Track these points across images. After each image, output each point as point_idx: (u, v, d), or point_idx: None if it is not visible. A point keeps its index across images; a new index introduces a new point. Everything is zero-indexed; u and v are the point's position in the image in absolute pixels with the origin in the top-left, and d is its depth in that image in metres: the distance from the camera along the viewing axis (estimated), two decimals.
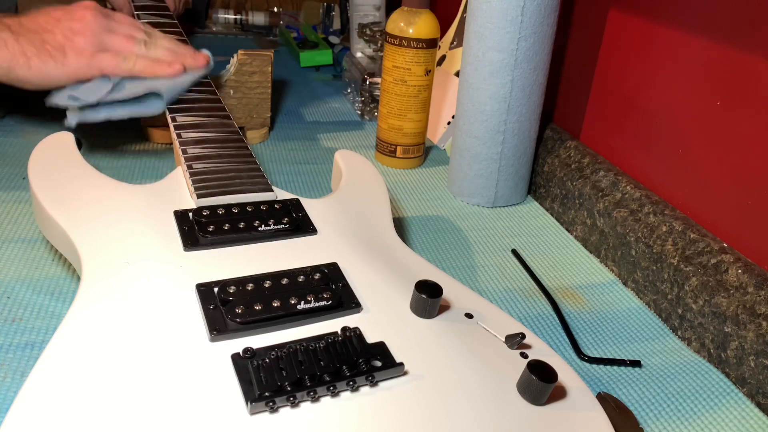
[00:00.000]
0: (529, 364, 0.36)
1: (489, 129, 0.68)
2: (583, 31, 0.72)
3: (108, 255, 0.41)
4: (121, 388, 0.32)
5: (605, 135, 0.70)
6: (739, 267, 0.50)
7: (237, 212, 0.47)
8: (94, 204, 0.46)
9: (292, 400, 0.33)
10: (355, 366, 0.35)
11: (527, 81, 0.66)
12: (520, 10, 0.62)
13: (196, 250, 0.44)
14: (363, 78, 0.94)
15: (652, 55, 0.62)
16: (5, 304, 0.48)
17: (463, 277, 0.59)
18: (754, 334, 0.47)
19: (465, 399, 0.35)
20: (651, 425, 0.44)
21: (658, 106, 0.61)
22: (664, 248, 0.56)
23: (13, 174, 0.67)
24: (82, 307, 0.37)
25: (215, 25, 1.34)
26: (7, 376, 0.42)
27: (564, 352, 0.50)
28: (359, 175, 0.57)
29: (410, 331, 0.39)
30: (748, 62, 0.51)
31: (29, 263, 0.53)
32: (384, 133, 0.79)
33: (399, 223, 0.67)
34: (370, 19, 1.11)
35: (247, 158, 0.54)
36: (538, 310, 0.55)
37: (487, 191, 0.72)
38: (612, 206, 0.63)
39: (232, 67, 0.77)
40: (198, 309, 0.38)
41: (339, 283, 0.42)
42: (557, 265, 0.62)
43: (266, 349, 0.36)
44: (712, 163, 0.55)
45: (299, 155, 0.80)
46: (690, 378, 0.49)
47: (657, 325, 0.55)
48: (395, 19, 0.74)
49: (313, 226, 0.48)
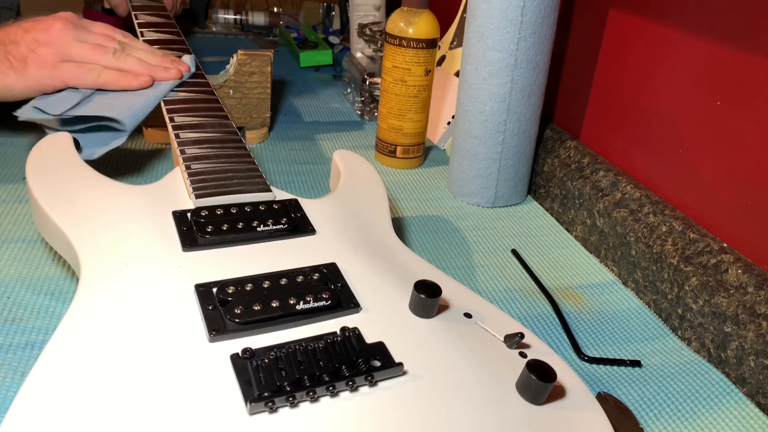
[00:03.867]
0: (528, 363, 0.36)
1: (489, 129, 0.68)
2: (583, 31, 0.72)
3: (106, 256, 0.41)
4: (121, 389, 0.32)
5: (605, 135, 0.70)
6: (739, 267, 0.50)
7: (235, 212, 0.47)
8: (93, 205, 0.46)
9: (292, 401, 0.33)
10: (355, 366, 0.35)
11: (527, 81, 0.66)
12: (520, 10, 0.62)
13: (195, 251, 0.44)
14: (363, 78, 0.94)
15: (652, 55, 0.62)
16: (5, 304, 0.48)
17: (463, 277, 0.59)
18: (754, 334, 0.47)
19: (464, 399, 0.35)
20: (651, 425, 0.44)
21: (658, 106, 0.61)
22: (664, 248, 0.56)
23: (13, 174, 0.67)
24: (80, 308, 0.37)
25: (215, 25, 1.34)
26: (7, 376, 0.42)
27: (564, 352, 0.50)
28: (358, 175, 0.57)
29: (409, 331, 0.39)
30: (748, 62, 0.51)
31: (29, 263, 0.53)
32: (384, 133, 0.79)
33: (399, 223, 0.67)
34: (370, 19, 1.11)
35: (246, 158, 0.54)
36: (538, 310, 0.55)
37: (487, 191, 0.72)
38: (612, 206, 0.63)
39: (231, 67, 0.77)
40: (197, 309, 0.38)
41: (338, 283, 0.42)
42: (557, 265, 0.62)
43: (265, 349, 0.36)
44: (712, 163, 0.55)
45: (299, 155, 0.80)
46: (690, 378, 0.49)
47: (657, 325, 0.55)
48: (395, 19, 0.74)
49: (311, 227, 0.48)
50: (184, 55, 0.68)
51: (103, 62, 0.62)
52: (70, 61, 0.61)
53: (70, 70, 0.60)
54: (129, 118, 0.60)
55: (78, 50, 0.61)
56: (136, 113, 0.61)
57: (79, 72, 0.61)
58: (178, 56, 0.68)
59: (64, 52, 0.61)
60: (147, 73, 0.63)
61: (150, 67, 0.64)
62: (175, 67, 0.65)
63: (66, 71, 0.60)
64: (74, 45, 0.61)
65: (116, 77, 0.62)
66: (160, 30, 0.75)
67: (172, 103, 0.62)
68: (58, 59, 0.60)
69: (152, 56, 0.65)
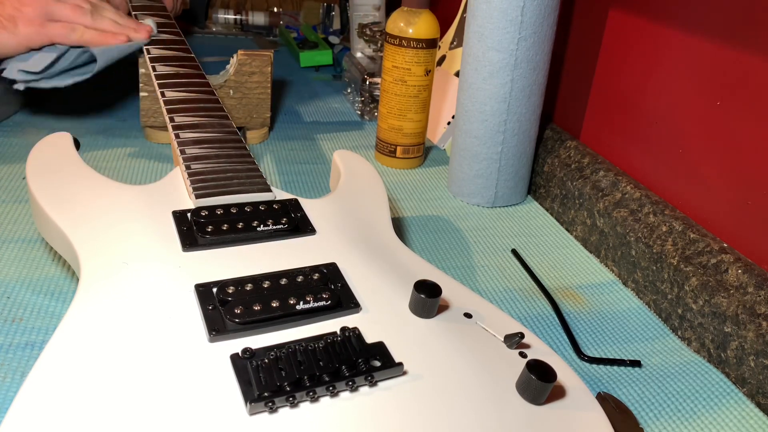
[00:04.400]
0: (528, 363, 0.36)
1: (489, 129, 0.68)
2: (583, 31, 0.72)
3: (106, 256, 0.41)
4: (121, 389, 0.32)
5: (605, 135, 0.70)
6: (739, 267, 0.50)
7: (235, 212, 0.47)
8: (92, 204, 0.46)
9: (292, 401, 0.33)
10: (355, 366, 0.35)
11: (527, 81, 0.66)
12: (519, 10, 0.62)
13: (195, 251, 0.44)
14: (363, 78, 0.94)
15: (652, 55, 0.62)
16: (5, 304, 0.48)
17: (463, 277, 0.59)
18: (754, 334, 0.47)
19: (464, 399, 0.35)
20: (651, 425, 0.44)
21: (658, 106, 0.61)
22: (664, 248, 0.56)
23: (13, 174, 0.67)
24: (80, 308, 0.37)
25: (215, 25, 1.34)
26: (7, 376, 0.42)
27: (564, 352, 0.50)
28: (358, 175, 0.57)
29: (409, 331, 0.39)
30: (748, 62, 0.51)
31: (29, 263, 0.53)
32: (384, 133, 0.79)
33: (399, 223, 0.67)
34: (370, 19, 1.11)
35: (246, 158, 0.54)
36: (538, 310, 0.55)
37: (487, 191, 0.72)
38: (612, 206, 0.63)
39: (231, 67, 0.77)
40: (197, 309, 0.38)
41: (338, 283, 0.42)
42: (557, 265, 0.62)
43: (265, 349, 0.36)
44: (712, 163, 0.55)
45: (299, 155, 0.80)
46: (690, 378, 0.49)
47: (657, 325, 0.55)
48: (395, 19, 0.74)
49: (311, 226, 0.48)
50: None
51: (83, 22, 0.69)
52: (55, 21, 0.67)
53: (56, 29, 0.67)
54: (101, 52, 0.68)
55: (60, 10, 0.68)
56: (109, 51, 0.68)
57: (64, 31, 0.67)
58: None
59: (47, 11, 0.67)
60: (123, 33, 0.70)
61: (124, 28, 0.71)
62: (143, 29, 0.72)
63: (52, 29, 0.67)
64: (55, 5, 0.68)
65: (97, 36, 0.69)
66: (161, 30, 0.75)
67: (172, 103, 0.62)
68: (44, 18, 0.67)
69: (121, 18, 0.72)
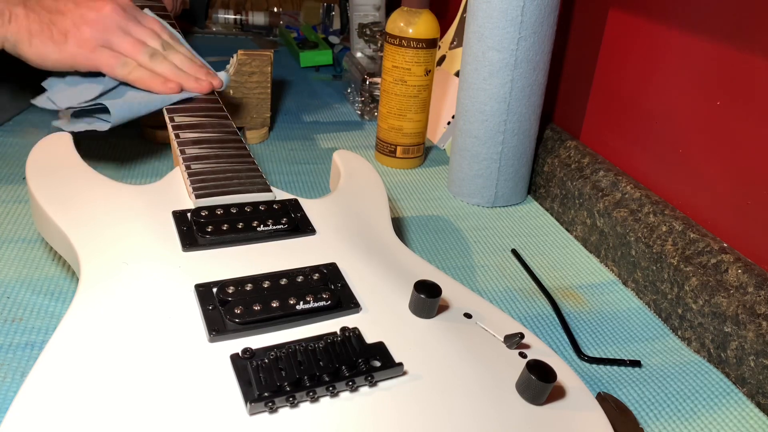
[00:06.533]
0: (528, 363, 0.36)
1: (489, 129, 0.68)
2: (583, 31, 0.72)
3: (106, 256, 0.41)
4: (120, 389, 0.32)
5: (605, 135, 0.70)
6: (739, 267, 0.50)
7: (235, 212, 0.47)
8: (93, 204, 0.46)
9: (292, 401, 0.33)
10: (355, 366, 0.35)
11: (527, 81, 0.66)
12: (520, 10, 0.62)
13: (195, 251, 0.44)
14: (363, 78, 0.94)
15: (652, 55, 0.62)
16: (5, 304, 0.48)
17: (463, 277, 0.59)
18: (754, 334, 0.47)
19: (464, 399, 0.35)
20: (651, 425, 0.44)
21: (658, 106, 0.61)
22: (664, 248, 0.56)
23: (13, 174, 0.67)
24: (80, 308, 0.37)
25: (215, 25, 1.34)
26: (7, 376, 0.42)
27: (564, 352, 0.50)
28: (357, 175, 0.57)
29: (409, 331, 0.39)
30: (748, 62, 0.51)
31: (29, 263, 0.53)
32: (384, 133, 0.79)
33: (399, 223, 0.67)
34: (370, 19, 1.11)
35: (246, 158, 0.54)
36: (538, 310, 0.55)
37: (487, 191, 0.72)
38: (612, 206, 0.63)
39: (231, 67, 0.77)
40: (197, 309, 0.38)
41: (338, 283, 0.42)
42: (557, 265, 0.62)
43: (265, 349, 0.36)
44: (712, 163, 0.55)
45: (299, 155, 0.80)
46: (690, 378, 0.49)
47: (657, 325, 0.55)
48: (395, 19, 0.74)
49: (311, 227, 0.48)
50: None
51: (139, 60, 0.61)
52: (108, 48, 0.60)
53: (105, 57, 0.60)
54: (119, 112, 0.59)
55: (119, 41, 0.61)
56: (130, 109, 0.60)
57: (113, 61, 0.60)
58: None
59: (106, 38, 0.60)
60: (176, 81, 0.61)
61: (182, 75, 0.62)
62: (208, 80, 0.64)
63: (101, 58, 0.60)
64: (118, 34, 0.61)
65: (147, 78, 0.60)
66: None
67: (173, 103, 0.62)
68: (98, 43, 0.60)
69: (189, 64, 0.64)
